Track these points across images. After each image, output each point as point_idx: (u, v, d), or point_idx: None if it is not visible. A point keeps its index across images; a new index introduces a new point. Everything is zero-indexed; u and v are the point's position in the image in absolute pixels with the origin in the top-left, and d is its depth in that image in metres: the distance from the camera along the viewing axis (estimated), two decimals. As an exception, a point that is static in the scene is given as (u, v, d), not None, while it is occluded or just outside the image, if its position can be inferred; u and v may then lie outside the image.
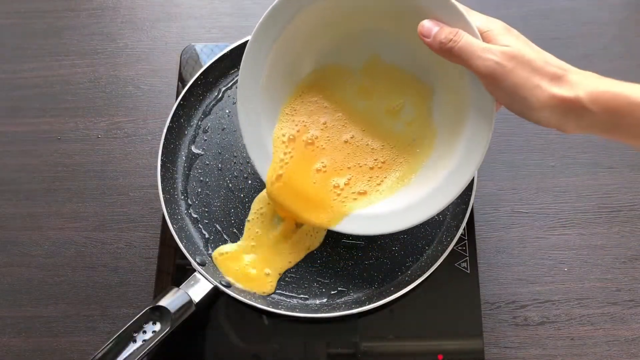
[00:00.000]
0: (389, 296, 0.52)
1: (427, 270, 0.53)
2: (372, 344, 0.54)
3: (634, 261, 0.59)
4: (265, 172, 0.53)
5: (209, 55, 0.66)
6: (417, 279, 0.52)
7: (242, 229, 0.57)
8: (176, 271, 0.57)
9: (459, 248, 0.57)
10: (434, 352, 0.54)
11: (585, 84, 0.40)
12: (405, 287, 0.52)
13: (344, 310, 0.52)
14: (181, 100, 0.60)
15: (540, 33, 0.70)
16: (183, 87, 0.61)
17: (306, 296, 0.55)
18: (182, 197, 0.59)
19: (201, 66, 0.62)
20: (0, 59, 0.72)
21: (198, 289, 0.51)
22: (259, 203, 0.58)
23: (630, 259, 0.59)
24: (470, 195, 0.55)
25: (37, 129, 0.67)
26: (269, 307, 0.52)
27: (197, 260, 0.53)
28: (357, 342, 0.54)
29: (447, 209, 0.57)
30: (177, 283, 0.52)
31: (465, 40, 0.41)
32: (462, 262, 0.57)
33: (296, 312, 0.52)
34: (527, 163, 0.64)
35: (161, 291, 0.51)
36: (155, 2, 0.75)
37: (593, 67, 0.67)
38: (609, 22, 0.71)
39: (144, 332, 0.48)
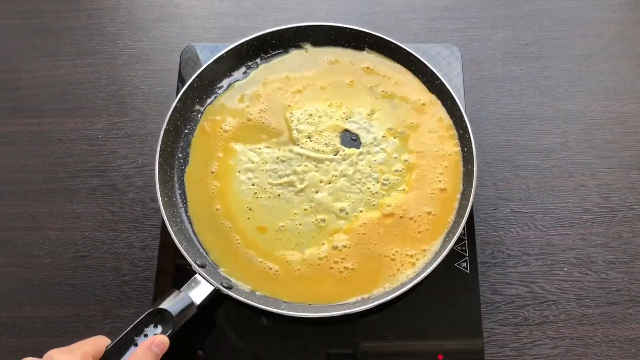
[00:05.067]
0: (388, 296, 0.52)
1: (426, 270, 0.53)
2: (372, 344, 0.54)
3: (634, 261, 0.59)
4: None
5: (209, 55, 0.66)
6: (417, 279, 0.52)
7: (242, 229, 0.57)
8: (176, 272, 0.57)
9: (459, 248, 0.57)
10: (434, 352, 0.54)
11: None
12: (405, 287, 0.52)
13: (344, 310, 0.52)
14: (178, 102, 0.60)
15: (540, 33, 0.70)
16: (182, 88, 0.61)
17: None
18: (181, 199, 0.58)
19: (201, 66, 0.62)
20: (0, 59, 0.72)
21: (199, 291, 0.51)
22: None
23: (630, 259, 0.59)
24: (470, 195, 0.55)
25: (37, 129, 0.67)
26: (269, 307, 0.52)
27: (198, 262, 0.53)
28: (357, 342, 0.54)
29: (447, 209, 0.57)
30: (177, 283, 0.52)
31: None
32: (462, 262, 0.57)
33: (296, 312, 0.52)
34: (527, 163, 0.64)
35: (161, 292, 0.51)
36: (155, 2, 0.75)
37: (593, 67, 0.69)
38: (609, 22, 0.71)
39: (145, 335, 0.47)
